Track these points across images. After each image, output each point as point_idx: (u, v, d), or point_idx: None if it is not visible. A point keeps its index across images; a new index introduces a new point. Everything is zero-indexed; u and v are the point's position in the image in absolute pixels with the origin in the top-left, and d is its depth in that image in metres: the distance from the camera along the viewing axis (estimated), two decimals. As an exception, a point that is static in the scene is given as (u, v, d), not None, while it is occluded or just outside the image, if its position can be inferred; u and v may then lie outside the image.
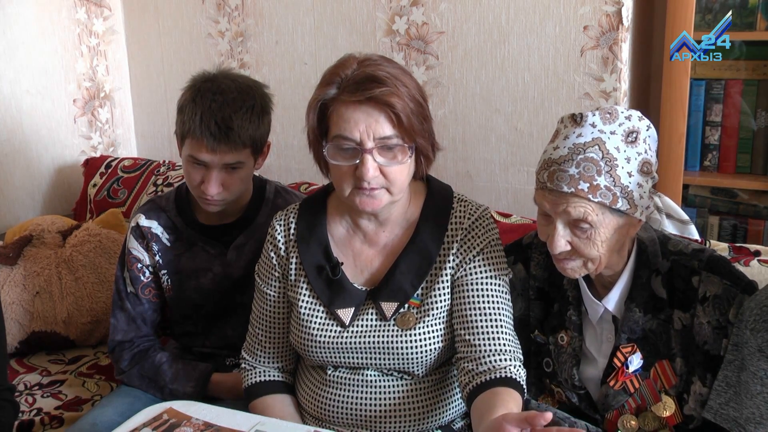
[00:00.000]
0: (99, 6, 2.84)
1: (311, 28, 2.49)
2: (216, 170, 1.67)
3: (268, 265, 1.59)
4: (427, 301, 1.47)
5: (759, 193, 2.11)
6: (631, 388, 1.39)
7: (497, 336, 1.42)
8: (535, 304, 1.51)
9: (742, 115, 2.07)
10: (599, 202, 1.27)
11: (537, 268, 1.51)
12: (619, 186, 1.27)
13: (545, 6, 2.10)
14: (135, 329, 1.84)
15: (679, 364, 1.36)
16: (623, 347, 1.39)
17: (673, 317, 1.36)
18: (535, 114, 2.18)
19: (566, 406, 1.46)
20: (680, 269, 1.36)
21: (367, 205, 1.41)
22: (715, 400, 1.30)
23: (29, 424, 1.88)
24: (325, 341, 1.49)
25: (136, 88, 2.99)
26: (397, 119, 1.35)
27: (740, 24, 1.98)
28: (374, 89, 1.34)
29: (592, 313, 1.43)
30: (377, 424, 1.49)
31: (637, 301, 1.38)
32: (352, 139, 1.37)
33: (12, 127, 2.60)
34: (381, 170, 1.38)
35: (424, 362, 1.47)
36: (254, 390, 1.60)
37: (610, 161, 1.27)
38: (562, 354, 1.45)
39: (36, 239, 2.29)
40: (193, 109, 1.64)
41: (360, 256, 1.53)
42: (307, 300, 1.52)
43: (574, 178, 1.26)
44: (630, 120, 1.31)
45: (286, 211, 1.59)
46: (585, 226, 1.28)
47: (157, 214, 1.84)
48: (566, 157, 1.27)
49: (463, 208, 1.51)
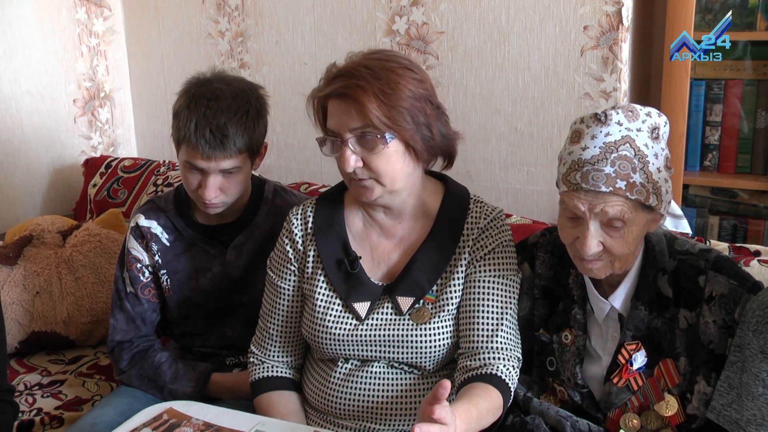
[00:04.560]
0: (99, 6, 2.84)
1: (311, 28, 2.49)
2: (213, 175, 1.67)
3: (283, 259, 1.60)
4: (442, 297, 1.50)
5: (759, 193, 2.11)
6: (635, 386, 1.39)
7: (496, 335, 1.46)
8: (539, 302, 1.52)
9: (742, 115, 2.07)
10: (635, 200, 1.27)
11: (542, 267, 1.52)
12: (651, 182, 1.28)
13: (545, 6, 2.10)
14: (134, 329, 1.84)
15: (683, 364, 1.36)
16: (628, 344, 1.39)
17: (679, 316, 1.36)
18: (535, 114, 2.18)
19: (568, 404, 1.46)
20: (687, 268, 1.36)
21: (361, 195, 1.47)
22: (718, 401, 1.30)
23: (29, 424, 1.88)
24: (340, 334, 1.50)
25: (136, 88, 2.99)
26: (361, 111, 1.39)
27: (740, 24, 1.98)
28: (341, 82, 1.40)
29: (597, 312, 1.44)
30: (383, 418, 1.51)
31: (643, 299, 1.39)
32: (333, 131, 1.44)
33: (12, 127, 2.60)
34: (365, 162, 1.42)
35: (436, 357, 1.49)
36: (261, 385, 1.61)
37: (642, 158, 1.28)
38: (566, 352, 1.46)
39: (36, 239, 2.29)
40: (188, 116, 1.64)
41: (377, 249, 1.55)
42: (324, 293, 1.54)
43: (611, 177, 1.26)
44: (651, 117, 1.32)
45: (303, 206, 1.62)
46: (619, 224, 1.29)
47: (157, 214, 1.84)
48: (599, 156, 1.27)
49: (479, 208, 1.54)
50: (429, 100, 1.47)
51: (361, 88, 1.38)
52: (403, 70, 1.43)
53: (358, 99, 1.38)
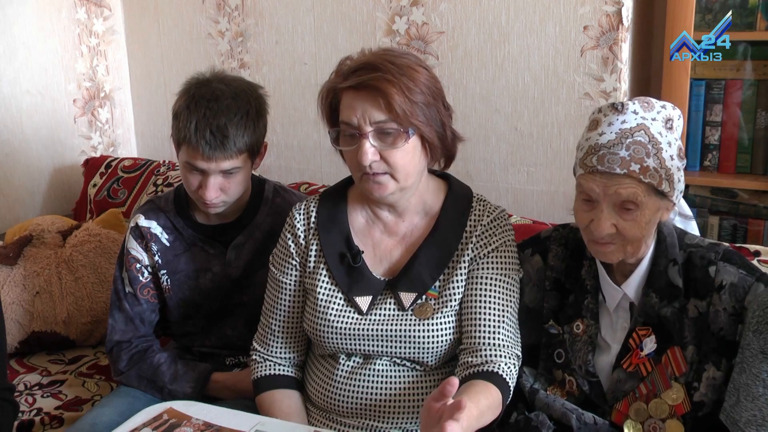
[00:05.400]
0: (99, 6, 2.84)
1: (311, 28, 2.49)
2: (213, 176, 1.68)
3: (285, 254, 1.61)
4: (444, 293, 1.51)
5: (759, 193, 2.11)
6: (644, 371, 1.42)
7: (497, 331, 1.47)
8: (550, 294, 1.54)
9: (741, 116, 2.07)
10: (648, 183, 1.32)
11: (555, 260, 1.55)
12: (664, 168, 1.33)
13: (545, 6, 2.10)
14: (133, 329, 1.84)
15: (691, 353, 1.39)
16: (640, 329, 1.43)
17: (689, 306, 1.40)
18: (535, 114, 2.18)
19: (574, 397, 1.48)
20: (697, 260, 1.41)
21: (375, 190, 1.46)
22: (727, 402, 1.31)
23: (29, 424, 1.88)
24: (342, 327, 1.51)
25: (136, 88, 2.99)
26: (389, 104, 1.39)
27: (740, 24, 1.98)
28: (366, 75, 1.40)
29: (609, 300, 1.47)
30: (386, 415, 1.51)
31: (654, 287, 1.42)
32: (351, 125, 1.43)
33: (12, 127, 2.60)
34: (382, 156, 1.42)
35: (439, 352, 1.50)
36: (263, 383, 1.62)
37: (656, 144, 1.33)
38: (577, 342, 1.48)
39: (36, 239, 2.29)
40: (188, 117, 1.65)
41: (379, 246, 1.56)
42: (326, 287, 1.55)
43: (625, 160, 1.31)
44: (665, 109, 1.39)
45: (307, 201, 1.63)
46: (631, 207, 1.33)
47: (156, 215, 1.84)
48: (614, 141, 1.33)
49: (482, 206, 1.56)
50: (442, 99, 1.50)
51: (389, 82, 1.39)
52: (420, 68, 1.46)
53: (387, 92, 1.38)
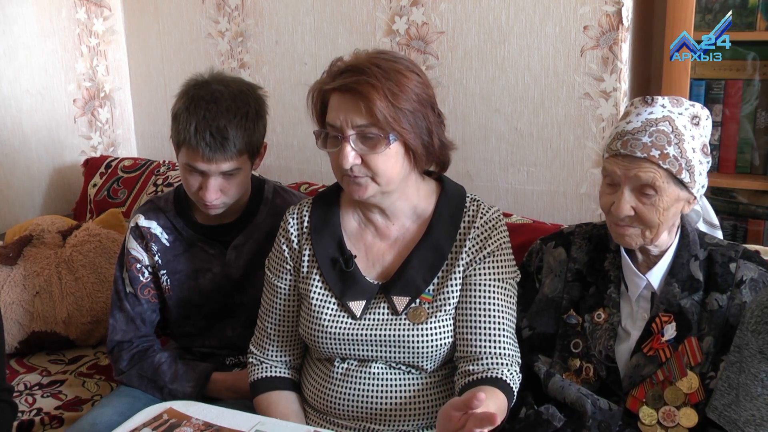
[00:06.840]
0: (99, 6, 2.84)
1: (311, 28, 2.49)
2: (213, 177, 1.68)
3: (280, 258, 1.61)
4: (439, 297, 1.50)
5: (759, 193, 2.10)
6: (663, 357, 1.45)
7: (498, 339, 1.47)
8: (571, 285, 1.57)
9: (742, 116, 2.07)
10: (667, 170, 1.38)
11: (579, 252, 1.59)
12: (685, 158, 1.39)
13: (545, 6, 2.10)
14: (134, 329, 1.84)
15: (708, 344, 1.43)
16: (662, 315, 1.47)
17: (708, 299, 1.45)
18: (535, 114, 2.18)
19: (589, 385, 1.51)
20: (718, 257, 1.48)
21: (355, 192, 1.46)
22: (719, 401, 1.30)
23: (29, 424, 1.88)
24: (336, 332, 1.50)
25: (136, 88, 2.99)
26: (370, 109, 1.38)
27: (740, 24, 1.98)
28: (351, 78, 1.39)
29: (632, 289, 1.51)
30: (383, 418, 1.51)
31: (677, 278, 1.48)
32: (335, 127, 1.42)
33: (12, 127, 2.60)
34: (363, 160, 1.42)
35: (434, 356, 1.49)
36: (260, 385, 1.62)
37: (678, 135, 1.40)
38: (598, 330, 1.51)
39: (36, 239, 2.29)
40: (188, 118, 1.64)
41: (372, 250, 1.55)
42: (319, 291, 1.54)
43: (646, 146, 1.38)
44: (694, 107, 1.46)
45: (299, 205, 1.62)
46: (650, 192, 1.39)
47: (156, 215, 1.84)
48: (639, 128, 1.41)
49: (476, 207, 1.55)
50: (432, 106, 1.48)
51: (372, 86, 1.38)
52: (410, 73, 1.44)
53: (368, 96, 1.37)
